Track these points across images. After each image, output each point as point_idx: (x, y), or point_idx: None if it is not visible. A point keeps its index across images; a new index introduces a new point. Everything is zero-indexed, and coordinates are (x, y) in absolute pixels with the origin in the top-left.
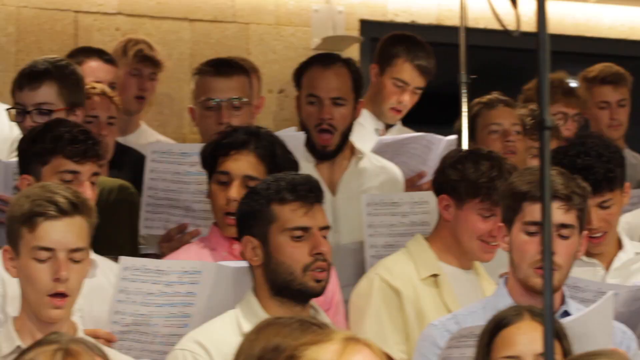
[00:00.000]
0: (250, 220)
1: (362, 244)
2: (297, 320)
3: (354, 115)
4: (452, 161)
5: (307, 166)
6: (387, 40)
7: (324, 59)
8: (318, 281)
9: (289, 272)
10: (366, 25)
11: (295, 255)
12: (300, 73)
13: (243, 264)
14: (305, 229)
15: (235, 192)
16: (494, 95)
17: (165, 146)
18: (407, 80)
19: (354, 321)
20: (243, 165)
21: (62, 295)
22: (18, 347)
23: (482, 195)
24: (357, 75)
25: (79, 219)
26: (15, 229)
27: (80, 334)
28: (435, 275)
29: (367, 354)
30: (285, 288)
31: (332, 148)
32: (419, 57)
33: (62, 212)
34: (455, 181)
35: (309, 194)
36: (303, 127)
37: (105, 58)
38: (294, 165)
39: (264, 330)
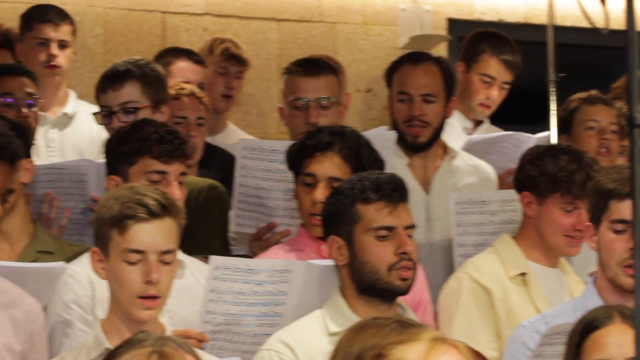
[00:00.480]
0: (335, 220)
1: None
2: (396, 320)
3: (446, 113)
4: (531, 157)
5: (400, 163)
6: (472, 37)
7: (414, 57)
8: (404, 279)
9: (374, 271)
10: (453, 24)
11: (380, 255)
12: (391, 72)
13: (332, 262)
14: (390, 229)
15: (321, 194)
16: (594, 92)
17: (256, 143)
18: (493, 75)
19: (443, 321)
20: (328, 167)
21: (153, 297)
22: (107, 349)
23: (562, 190)
24: (447, 72)
25: (169, 221)
26: (104, 231)
27: (168, 334)
28: (523, 274)
29: (453, 354)
30: (371, 287)
31: (424, 140)
32: (504, 52)
33: (152, 215)
34: (535, 177)
35: (394, 193)
36: (394, 126)
37: (194, 58)
38: (379, 164)
39: (363, 329)
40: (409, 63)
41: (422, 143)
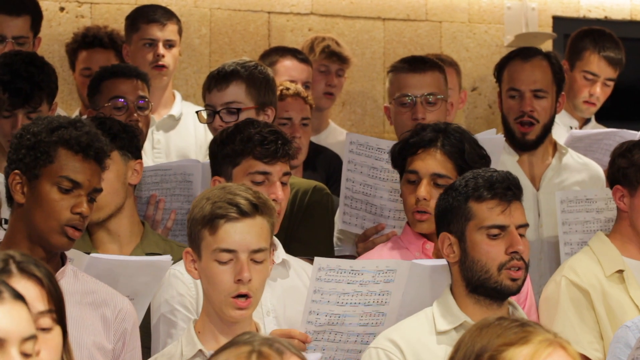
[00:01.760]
0: (447, 217)
1: None
2: (520, 323)
3: (556, 109)
4: (622, 150)
5: (509, 160)
6: (575, 35)
7: (524, 53)
8: (513, 280)
9: (484, 270)
10: (559, 22)
11: (491, 254)
12: (501, 68)
13: (437, 262)
14: (502, 227)
15: (424, 190)
16: None
17: (363, 138)
18: (596, 71)
19: (544, 324)
20: (431, 163)
21: (244, 296)
22: (200, 351)
23: None
24: (557, 68)
25: (260, 220)
26: (197, 231)
27: (262, 332)
28: (620, 271)
29: (559, 355)
30: (480, 286)
31: (533, 138)
32: (606, 48)
33: (243, 214)
34: (625, 169)
35: (507, 191)
36: (504, 122)
37: (300, 57)
38: (484, 160)
39: (487, 329)
40: (519, 59)
41: (531, 141)
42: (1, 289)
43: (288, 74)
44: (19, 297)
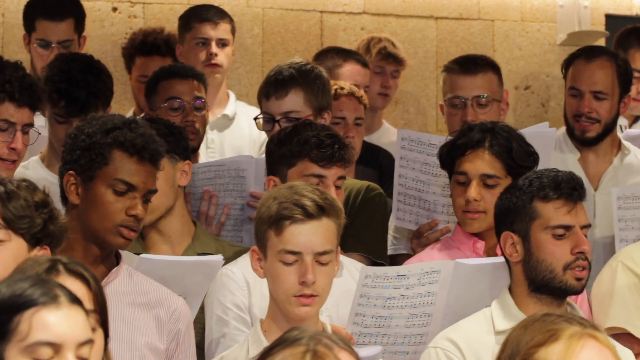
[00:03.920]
0: (510, 216)
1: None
2: (565, 318)
3: (619, 109)
4: None
5: (570, 158)
6: (620, 34)
7: (589, 52)
8: (578, 279)
9: (549, 269)
10: (612, 20)
11: (556, 254)
12: (567, 65)
13: (482, 261)
14: (567, 228)
15: (474, 192)
16: None
17: (415, 134)
18: None
19: (599, 309)
20: (479, 164)
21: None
22: None
23: None
24: (623, 69)
25: (326, 222)
26: (262, 231)
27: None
28: None
29: (592, 345)
30: (545, 285)
31: (593, 134)
32: None
33: (309, 216)
34: None
35: (573, 192)
36: (566, 118)
37: (362, 61)
38: (533, 158)
39: (532, 325)
40: (582, 58)
41: (590, 138)
42: (58, 293)
43: (353, 78)
44: (76, 300)
